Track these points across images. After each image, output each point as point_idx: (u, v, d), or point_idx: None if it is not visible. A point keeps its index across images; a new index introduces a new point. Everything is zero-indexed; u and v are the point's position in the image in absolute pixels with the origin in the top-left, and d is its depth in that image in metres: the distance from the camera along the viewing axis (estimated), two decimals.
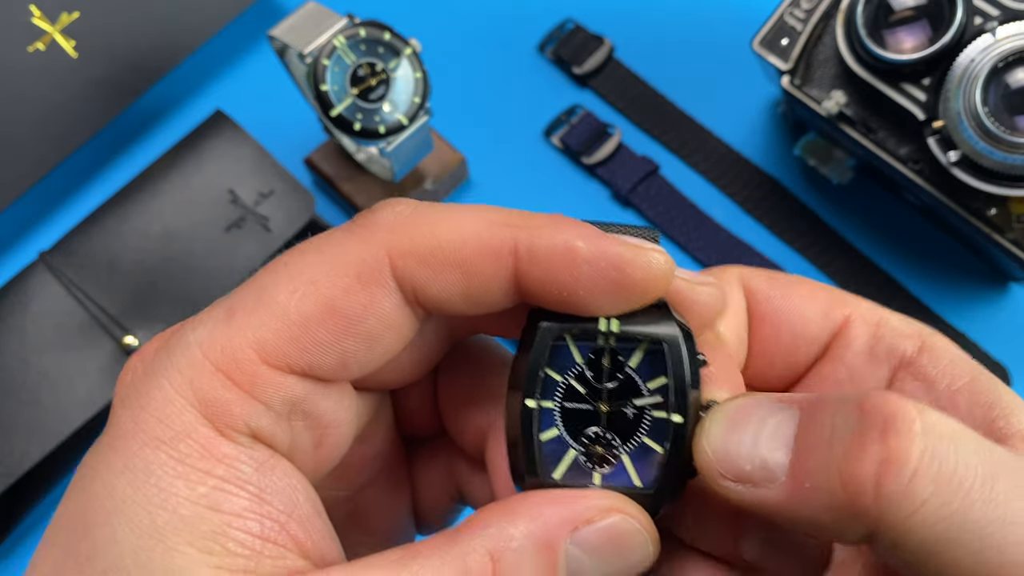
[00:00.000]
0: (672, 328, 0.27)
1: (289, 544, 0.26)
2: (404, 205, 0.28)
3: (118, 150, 0.66)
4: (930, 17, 0.50)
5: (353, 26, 0.53)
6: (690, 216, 0.63)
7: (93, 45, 0.62)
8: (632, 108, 0.66)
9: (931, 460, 0.23)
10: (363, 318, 0.26)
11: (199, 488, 0.25)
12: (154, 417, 0.25)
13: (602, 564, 0.26)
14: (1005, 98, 0.48)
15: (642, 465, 0.27)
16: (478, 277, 0.27)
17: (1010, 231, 0.52)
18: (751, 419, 0.26)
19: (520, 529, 0.25)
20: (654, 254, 0.26)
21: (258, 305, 0.26)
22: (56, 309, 0.57)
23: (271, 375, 0.26)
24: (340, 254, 0.27)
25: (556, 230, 0.27)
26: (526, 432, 0.27)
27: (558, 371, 0.28)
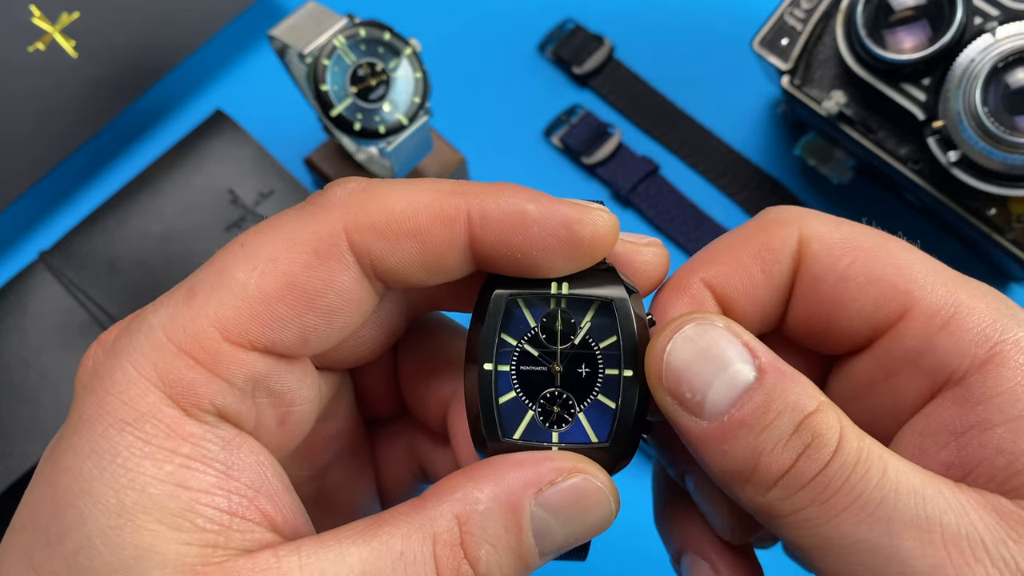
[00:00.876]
0: (620, 290, 0.28)
1: (258, 518, 0.26)
2: (356, 182, 0.28)
3: (118, 150, 0.66)
4: (930, 17, 0.50)
5: (353, 26, 0.53)
6: (690, 216, 0.63)
7: (93, 45, 0.62)
8: (632, 108, 0.66)
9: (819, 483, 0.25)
10: (323, 292, 0.27)
11: (166, 467, 0.25)
12: (118, 399, 0.25)
13: (567, 523, 0.27)
14: (1005, 98, 0.48)
15: (598, 421, 0.29)
16: (434, 245, 0.27)
17: (1010, 231, 0.52)
18: (716, 358, 0.26)
19: (485, 493, 0.26)
20: (600, 212, 0.28)
21: (218, 285, 0.27)
22: (56, 309, 0.57)
23: (234, 352, 0.26)
24: (297, 231, 0.27)
25: (506, 195, 0.27)
26: (485, 396, 0.28)
27: (513, 336, 0.29)
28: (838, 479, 0.25)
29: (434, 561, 0.25)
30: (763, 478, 0.26)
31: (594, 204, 0.28)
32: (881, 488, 0.25)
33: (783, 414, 0.26)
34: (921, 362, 0.28)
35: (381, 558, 0.25)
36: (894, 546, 0.24)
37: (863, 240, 0.29)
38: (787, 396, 0.26)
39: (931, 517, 0.25)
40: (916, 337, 0.28)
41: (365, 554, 0.25)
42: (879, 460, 0.25)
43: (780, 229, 0.30)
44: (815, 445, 0.25)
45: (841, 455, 0.25)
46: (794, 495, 0.26)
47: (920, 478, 0.25)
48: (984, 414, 0.26)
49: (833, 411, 0.26)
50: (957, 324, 0.27)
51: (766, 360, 0.26)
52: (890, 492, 0.25)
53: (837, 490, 0.25)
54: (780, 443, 0.26)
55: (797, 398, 0.26)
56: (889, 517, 0.25)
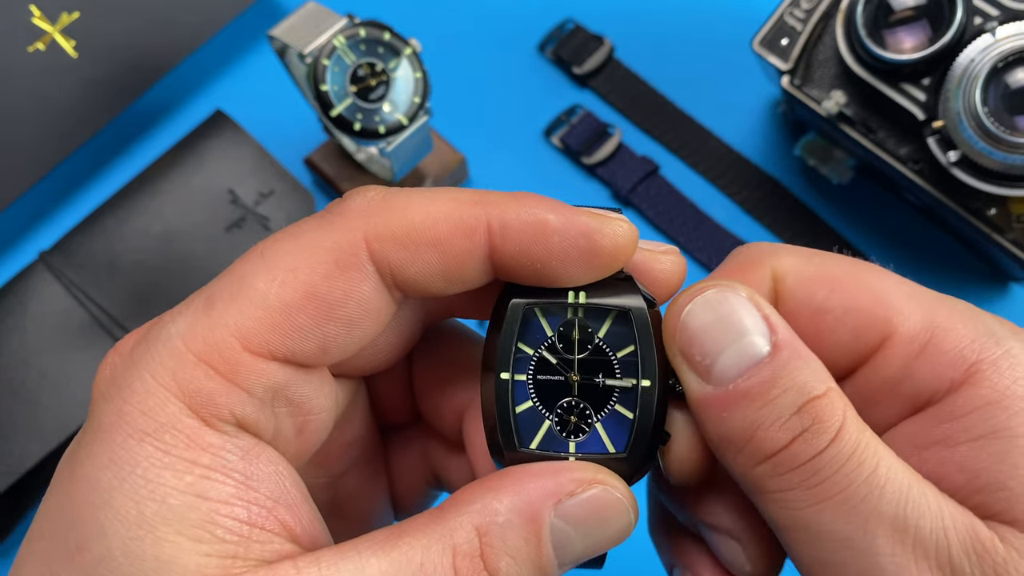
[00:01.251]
0: (638, 299, 0.28)
1: (277, 529, 0.26)
2: (375, 191, 0.28)
3: (118, 150, 0.66)
4: (930, 17, 0.50)
5: (353, 26, 0.53)
6: (690, 216, 0.63)
7: (93, 45, 0.62)
8: (632, 108, 0.66)
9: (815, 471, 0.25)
10: (343, 303, 0.27)
11: (186, 477, 0.25)
12: (137, 409, 0.25)
13: (587, 534, 0.27)
14: (1005, 98, 0.48)
15: (615, 431, 0.29)
16: (454, 255, 0.27)
17: (1010, 231, 0.52)
18: (733, 326, 0.27)
19: (505, 504, 0.26)
20: (619, 222, 0.28)
21: (237, 294, 0.26)
22: (56, 309, 0.57)
23: (253, 363, 0.26)
24: (317, 241, 0.27)
25: (526, 205, 0.27)
26: (502, 406, 0.28)
27: (530, 345, 0.29)
28: (829, 468, 0.25)
29: (454, 573, 0.25)
30: (756, 451, 0.26)
31: (613, 213, 0.28)
32: (868, 483, 0.25)
33: (788, 392, 0.26)
34: (900, 389, 0.28)
35: (401, 570, 0.25)
36: (867, 541, 0.25)
37: (836, 271, 0.29)
38: (797, 376, 0.26)
39: (908, 519, 0.25)
40: (895, 365, 0.28)
41: (385, 566, 0.25)
42: (873, 455, 0.25)
43: (754, 270, 0.30)
44: (813, 430, 0.26)
45: (838, 444, 0.25)
46: (783, 475, 0.26)
47: (908, 479, 0.25)
48: (949, 431, 0.27)
49: (840, 399, 0.26)
50: (935, 347, 0.27)
51: (783, 336, 0.26)
52: (875, 488, 0.25)
53: (826, 479, 0.25)
54: (779, 421, 0.26)
55: (806, 379, 0.26)
56: (869, 512, 0.25)
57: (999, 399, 0.26)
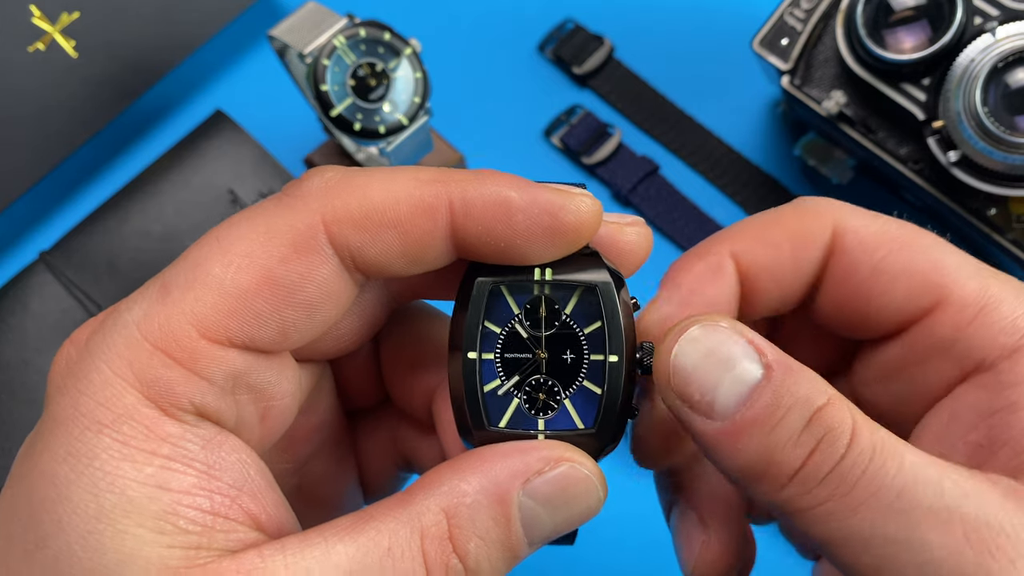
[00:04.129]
0: (603, 274, 0.28)
1: (241, 517, 0.25)
2: (333, 172, 0.28)
3: (118, 150, 0.66)
4: (930, 17, 0.50)
5: (353, 26, 0.53)
6: (690, 216, 0.63)
7: (93, 45, 0.62)
8: (632, 108, 0.66)
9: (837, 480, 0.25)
10: (301, 286, 0.26)
11: (146, 469, 0.24)
12: (94, 401, 0.25)
13: (555, 512, 0.27)
14: (1005, 98, 0.48)
15: (583, 407, 0.28)
16: (415, 235, 0.27)
17: (1010, 231, 0.52)
18: (723, 358, 0.26)
19: (473, 485, 0.26)
20: (583, 198, 0.27)
21: (193, 280, 0.26)
22: (56, 309, 0.57)
23: (212, 350, 0.26)
24: (273, 224, 0.27)
25: (488, 183, 0.27)
26: (469, 385, 0.28)
27: (496, 323, 0.28)
28: (855, 472, 0.25)
29: (422, 556, 0.25)
30: (777, 474, 0.26)
31: (576, 188, 0.28)
32: (900, 480, 0.25)
33: (793, 410, 0.26)
34: (952, 351, 0.28)
35: (368, 554, 0.25)
36: (915, 537, 0.25)
37: (897, 233, 0.30)
38: (796, 391, 0.26)
39: (950, 507, 0.25)
40: (948, 327, 0.28)
41: (352, 551, 0.25)
42: (895, 452, 0.25)
43: (816, 218, 0.31)
44: (828, 439, 0.25)
45: (856, 447, 0.25)
46: (812, 490, 0.26)
47: (936, 469, 0.25)
48: (1012, 397, 0.27)
49: (844, 403, 0.26)
50: (988, 315, 0.28)
51: (772, 357, 0.26)
52: (908, 483, 0.25)
53: (855, 483, 0.25)
54: (792, 439, 0.26)
55: (807, 393, 0.26)
56: (909, 508, 0.25)
57: None
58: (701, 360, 0.26)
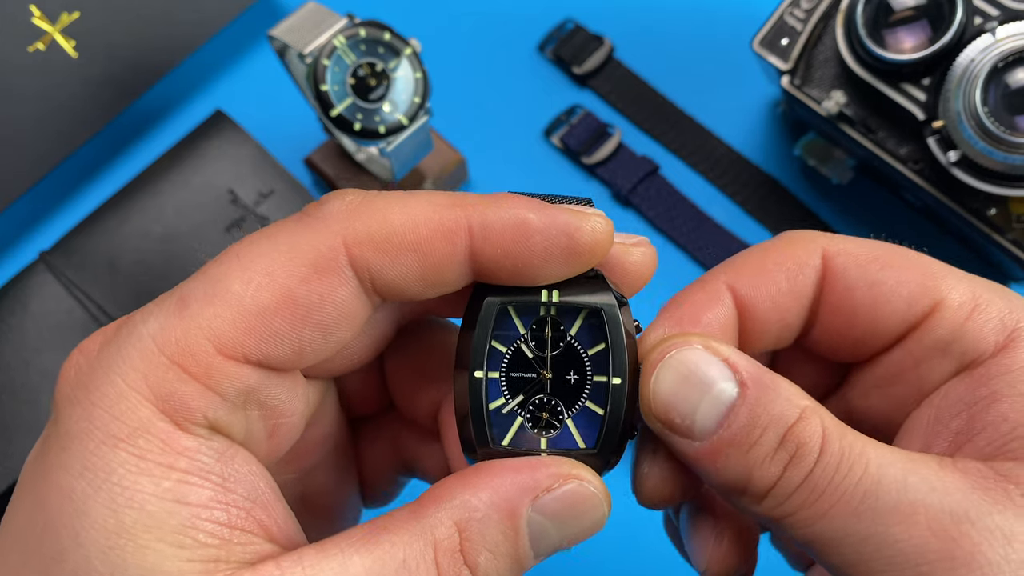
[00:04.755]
0: (608, 297, 0.29)
1: (256, 530, 0.26)
2: (353, 195, 0.28)
3: (118, 150, 0.66)
4: (930, 17, 0.50)
5: (353, 26, 0.53)
6: (690, 216, 0.63)
7: (93, 45, 0.62)
8: (632, 108, 0.66)
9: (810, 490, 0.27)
10: (320, 307, 0.27)
11: (163, 483, 0.25)
12: (108, 414, 0.25)
13: (563, 527, 0.27)
14: (1005, 98, 0.48)
15: (585, 427, 0.29)
16: (434, 259, 0.27)
17: (1010, 231, 0.52)
18: (699, 381, 0.28)
19: (483, 499, 0.26)
20: (598, 219, 0.28)
21: (212, 296, 0.26)
22: (56, 309, 0.57)
23: (227, 366, 0.26)
24: (295, 244, 0.27)
25: (506, 206, 0.28)
26: (475, 403, 0.28)
27: (503, 343, 0.29)
28: (822, 482, 0.26)
29: (436, 568, 0.25)
30: (756, 490, 0.27)
31: (590, 209, 0.28)
32: (863, 483, 0.26)
33: (768, 429, 0.27)
34: (950, 349, 0.30)
35: (384, 567, 0.25)
36: (882, 533, 0.26)
37: (884, 251, 0.31)
38: (771, 409, 0.27)
39: (914, 501, 0.26)
40: (946, 327, 0.30)
41: (368, 563, 0.25)
42: (860, 457, 0.27)
43: (804, 243, 0.32)
44: (799, 455, 0.27)
45: (824, 459, 0.27)
46: (784, 502, 0.27)
47: (901, 466, 0.27)
48: (995, 387, 0.28)
49: (815, 415, 0.27)
50: (980, 313, 0.29)
51: (747, 374, 0.27)
52: (872, 485, 0.26)
53: (823, 492, 0.26)
54: (768, 457, 0.27)
55: (780, 410, 0.27)
56: (874, 508, 0.26)
57: None
58: (679, 385, 0.28)
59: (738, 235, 0.63)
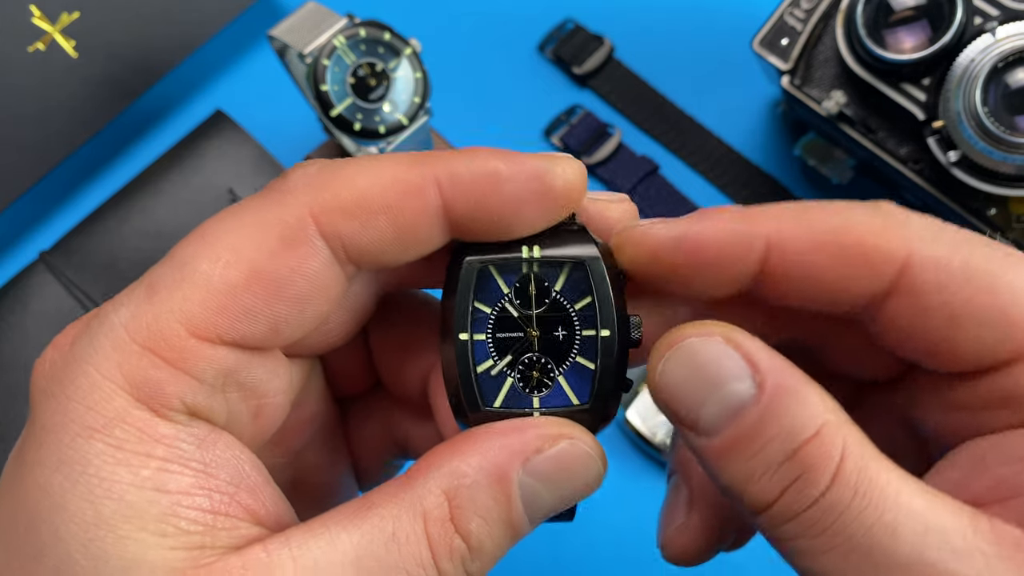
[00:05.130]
0: (591, 248, 0.28)
1: (241, 514, 0.25)
2: (316, 165, 0.27)
3: (118, 150, 0.66)
4: (930, 17, 0.50)
5: (353, 26, 0.53)
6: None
7: (93, 45, 0.62)
8: (632, 108, 0.66)
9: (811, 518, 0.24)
10: (291, 280, 0.26)
11: (142, 472, 0.24)
12: (83, 405, 0.25)
13: (556, 488, 0.27)
14: (1005, 98, 0.48)
15: (577, 383, 0.28)
16: (406, 218, 0.27)
17: (1010, 231, 0.52)
18: (711, 377, 0.25)
19: (472, 465, 0.26)
20: (568, 160, 0.27)
21: (181, 279, 0.26)
22: (56, 309, 0.57)
23: (201, 348, 0.25)
24: (261, 219, 0.26)
25: (473, 157, 0.27)
26: (463, 367, 0.28)
27: (486, 304, 0.28)
28: (829, 517, 0.24)
29: (427, 538, 0.25)
30: (752, 503, 0.25)
31: (559, 154, 0.28)
32: (877, 530, 0.23)
33: (774, 440, 0.24)
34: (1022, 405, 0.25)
35: (374, 541, 0.25)
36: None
37: (981, 270, 0.25)
38: (783, 419, 0.24)
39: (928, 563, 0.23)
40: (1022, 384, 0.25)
41: (356, 538, 0.25)
42: (880, 496, 0.23)
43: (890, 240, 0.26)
44: (805, 479, 0.24)
45: (835, 491, 0.23)
46: (783, 525, 0.24)
47: (924, 518, 0.23)
48: None
49: (837, 435, 0.24)
50: None
51: (767, 373, 0.24)
52: (887, 534, 0.23)
53: (826, 528, 0.24)
54: (769, 471, 0.24)
55: (794, 421, 0.24)
56: (886, 561, 0.23)
57: None
58: (688, 377, 0.25)
59: None
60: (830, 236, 0.27)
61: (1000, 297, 0.25)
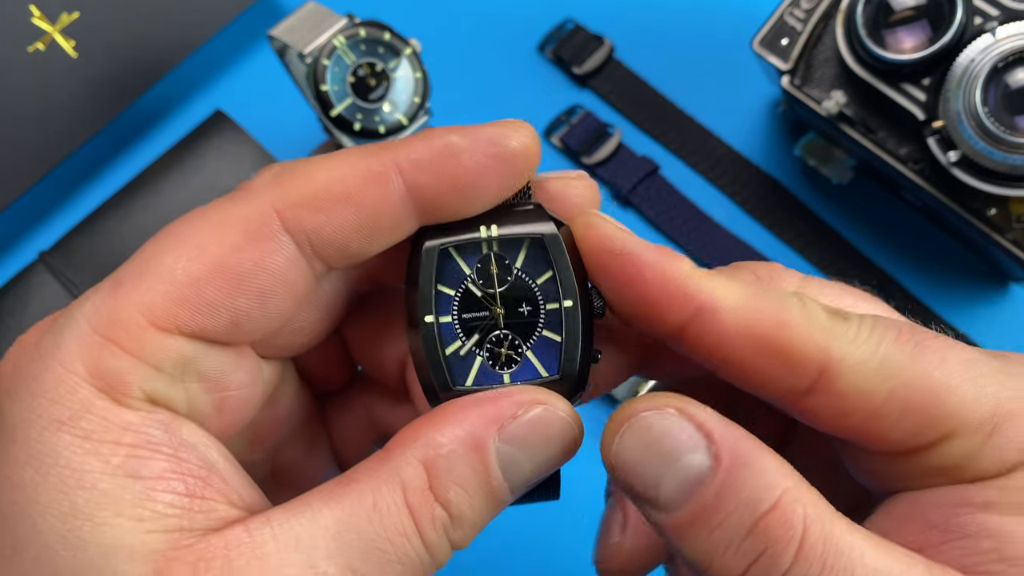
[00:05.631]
0: (548, 224, 0.29)
1: (216, 496, 0.26)
2: (279, 165, 0.28)
3: (118, 150, 0.66)
4: (930, 17, 0.50)
5: (353, 26, 0.53)
6: (690, 216, 0.63)
7: (93, 45, 0.62)
8: (632, 108, 0.66)
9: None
10: (254, 274, 0.27)
11: (112, 460, 0.24)
12: (47, 399, 0.25)
13: (533, 454, 0.27)
14: (1005, 98, 0.48)
15: (545, 356, 0.29)
16: (369, 205, 0.27)
17: (1010, 231, 0.52)
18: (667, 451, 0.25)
19: (448, 436, 0.26)
20: (520, 124, 0.28)
21: (145, 272, 0.26)
22: (56, 309, 0.57)
23: (159, 337, 0.26)
24: (225, 217, 0.27)
25: (429, 135, 0.27)
26: (431, 349, 0.28)
27: (450, 286, 0.29)
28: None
29: (408, 508, 0.25)
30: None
31: (510, 120, 0.28)
32: None
33: (734, 514, 0.24)
34: (955, 473, 0.26)
35: (355, 514, 0.25)
36: None
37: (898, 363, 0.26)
38: (742, 491, 0.24)
39: None
40: (955, 456, 0.26)
41: (338, 513, 0.25)
42: (847, 564, 0.23)
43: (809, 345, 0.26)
44: (770, 554, 0.23)
45: (802, 565, 0.23)
46: None
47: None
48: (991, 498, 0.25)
49: (797, 503, 0.24)
50: (999, 435, 0.25)
51: (723, 444, 0.24)
52: None
53: None
54: (732, 546, 0.24)
55: (753, 493, 0.24)
56: None
57: None
58: (644, 452, 0.25)
59: (738, 235, 0.63)
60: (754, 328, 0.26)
61: (918, 390, 0.25)
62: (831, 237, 0.63)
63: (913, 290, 0.61)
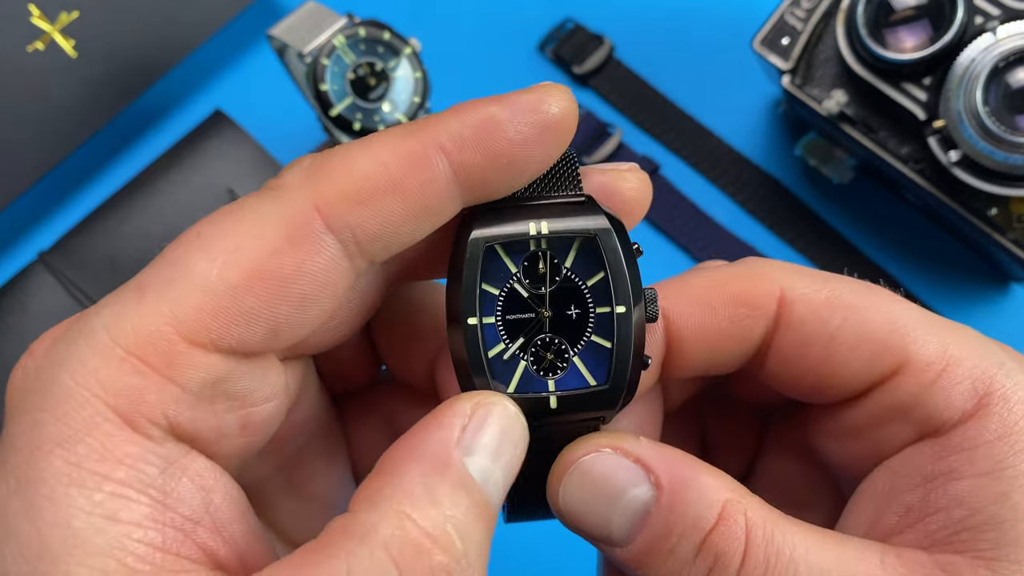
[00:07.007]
0: (602, 220, 0.27)
1: (196, 555, 0.23)
2: (310, 158, 0.26)
3: (118, 150, 0.66)
4: (931, 17, 0.50)
5: (353, 26, 0.53)
6: (690, 216, 0.63)
7: (93, 45, 0.62)
8: (632, 108, 0.66)
9: None
10: (295, 279, 0.24)
11: (95, 495, 0.22)
12: (53, 416, 0.23)
13: (498, 454, 0.26)
14: (1006, 98, 0.48)
15: (593, 363, 0.27)
16: (415, 191, 0.25)
17: (1011, 231, 0.52)
18: (609, 490, 0.26)
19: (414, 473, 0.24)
20: (554, 86, 0.26)
21: (173, 279, 0.24)
22: (56, 309, 0.57)
23: (192, 354, 0.24)
24: (261, 217, 0.25)
25: (466, 110, 0.26)
26: (472, 352, 0.26)
27: (494, 285, 0.27)
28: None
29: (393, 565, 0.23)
30: None
31: (544, 83, 0.27)
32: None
33: (683, 537, 0.25)
34: (912, 415, 0.27)
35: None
36: None
37: (850, 298, 0.28)
38: (687, 513, 0.25)
39: None
40: (908, 392, 0.27)
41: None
42: (789, 562, 0.25)
43: (762, 283, 0.28)
44: (719, 566, 0.25)
45: (747, 568, 0.25)
46: None
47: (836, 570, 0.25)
48: (955, 464, 0.26)
49: (739, 513, 0.25)
50: (948, 377, 0.26)
51: (661, 471, 0.25)
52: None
53: None
54: (687, 567, 0.25)
55: (696, 512, 0.25)
56: None
57: (1007, 434, 0.25)
58: (588, 495, 0.26)
59: (738, 235, 0.63)
60: (711, 290, 0.29)
61: (870, 315, 0.27)
62: (832, 237, 0.63)
63: (914, 290, 0.61)
